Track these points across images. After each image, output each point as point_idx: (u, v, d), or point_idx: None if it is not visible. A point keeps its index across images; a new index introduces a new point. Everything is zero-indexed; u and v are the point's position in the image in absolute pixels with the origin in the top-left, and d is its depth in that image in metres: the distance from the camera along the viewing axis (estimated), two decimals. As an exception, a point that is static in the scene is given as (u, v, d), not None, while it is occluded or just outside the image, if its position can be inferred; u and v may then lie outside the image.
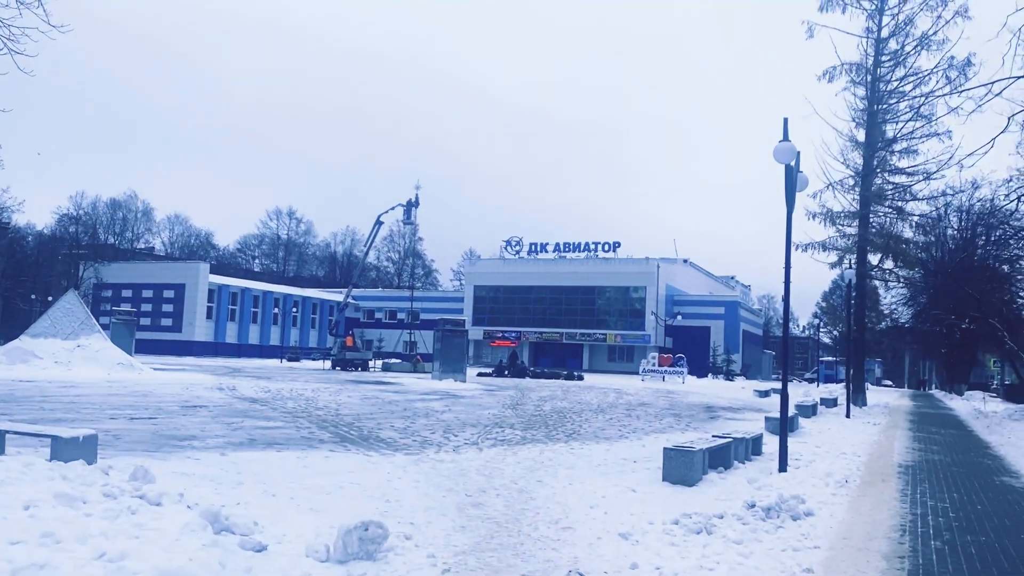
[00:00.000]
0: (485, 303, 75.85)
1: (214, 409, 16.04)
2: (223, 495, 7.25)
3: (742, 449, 11.99)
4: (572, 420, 17.62)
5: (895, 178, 33.81)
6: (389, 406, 19.15)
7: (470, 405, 20.82)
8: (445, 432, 13.86)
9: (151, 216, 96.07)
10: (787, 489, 8.67)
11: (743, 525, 7.26)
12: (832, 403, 27.67)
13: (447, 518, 7.09)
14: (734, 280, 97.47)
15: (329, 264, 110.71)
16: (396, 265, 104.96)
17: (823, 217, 33.14)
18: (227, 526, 5.57)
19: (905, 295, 45.69)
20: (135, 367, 26.56)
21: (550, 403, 22.75)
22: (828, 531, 7.35)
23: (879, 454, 14.46)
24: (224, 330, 68.04)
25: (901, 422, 23.74)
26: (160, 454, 9.54)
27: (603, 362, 71.68)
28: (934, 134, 31.50)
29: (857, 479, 10.94)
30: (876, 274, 35.82)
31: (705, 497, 8.68)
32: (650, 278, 70.49)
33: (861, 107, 32.20)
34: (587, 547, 6.30)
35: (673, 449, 9.83)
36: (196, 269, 67.91)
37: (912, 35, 31.38)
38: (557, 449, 12.34)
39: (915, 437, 18.57)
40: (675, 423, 18.64)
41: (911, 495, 9.80)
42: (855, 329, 32.24)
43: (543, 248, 74.38)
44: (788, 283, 12.01)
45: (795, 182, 11.59)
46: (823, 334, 79.86)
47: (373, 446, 11.57)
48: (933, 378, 75.52)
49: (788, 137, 11.39)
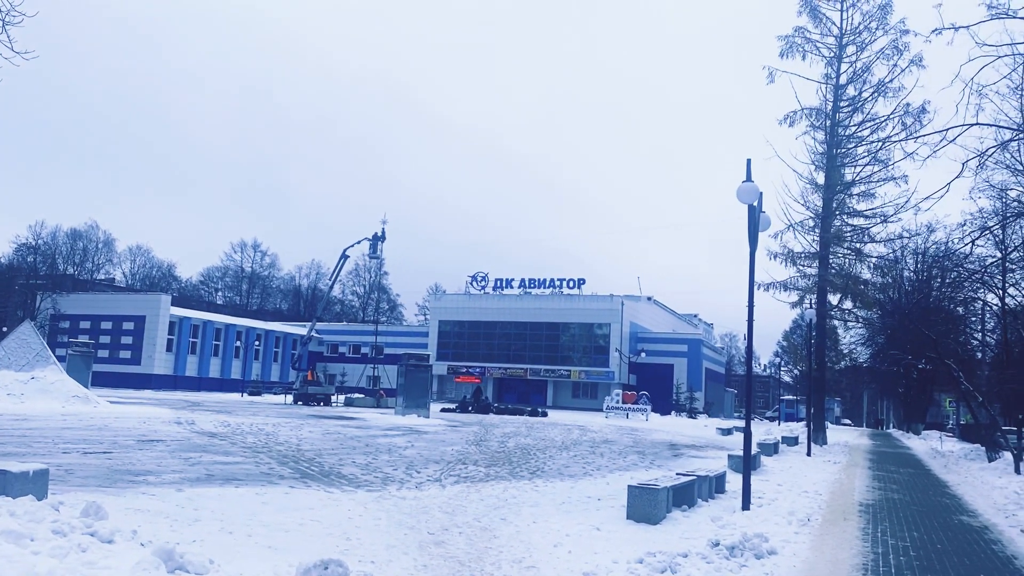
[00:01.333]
0: (450, 338, 75.54)
1: (172, 444, 15.68)
2: (178, 532, 7.06)
3: (706, 487, 12.00)
4: (536, 457, 17.52)
5: (854, 220, 34.63)
6: (351, 441, 18.87)
7: (433, 441, 20.60)
8: (408, 468, 13.68)
9: (112, 247, 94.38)
10: (750, 527, 8.69)
11: (707, 564, 7.24)
12: (793, 441, 27.89)
13: (409, 557, 6.97)
14: (697, 318, 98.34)
15: (293, 297, 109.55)
16: (361, 299, 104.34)
17: (784, 257, 33.78)
18: (181, 564, 5.41)
19: (863, 335, 46.36)
20: (91, 400, 25.90)
21: (514, 439, 22.60)
22: (791, 570, 7.36)
23: (840, 492, 14.57)
24: (184, 363, 66.78)
25: (861, 461, 23.98)
26: (114, 490, 9.27)
27: (567, 398, 71.58)
28: (891, 178, 32.38)
29: (819, 517, 10.99)
30: (836, 314, 36.45)
31: (669, 535, 8.65)
32: (614, 315, 70.84)
33: (821, 151, 33.04)
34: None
35: (637, 487, 9.80)
36: (157, 301, 66.76)
37: (869, 82, 32.43)
38: (521, 486, 12.23)
39: (875, 476, 18.76)
40: (639, 460, 18.61)
41: (872, 534, 9.86)
42: (815, 368, 32.66)
43: (508, 284, 74.50)
44: (751, 321, 12.15)
45: (758, 222, 11.78)
46: (784, 373, 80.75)
47: (334, 482, 11.37)
48: (891, 417, 76.50)
49: (751, 178, 11.60)
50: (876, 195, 33.58)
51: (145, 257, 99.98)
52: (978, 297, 27.77)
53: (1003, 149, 19.04)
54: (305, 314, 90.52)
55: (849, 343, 49.05)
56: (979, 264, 24.02)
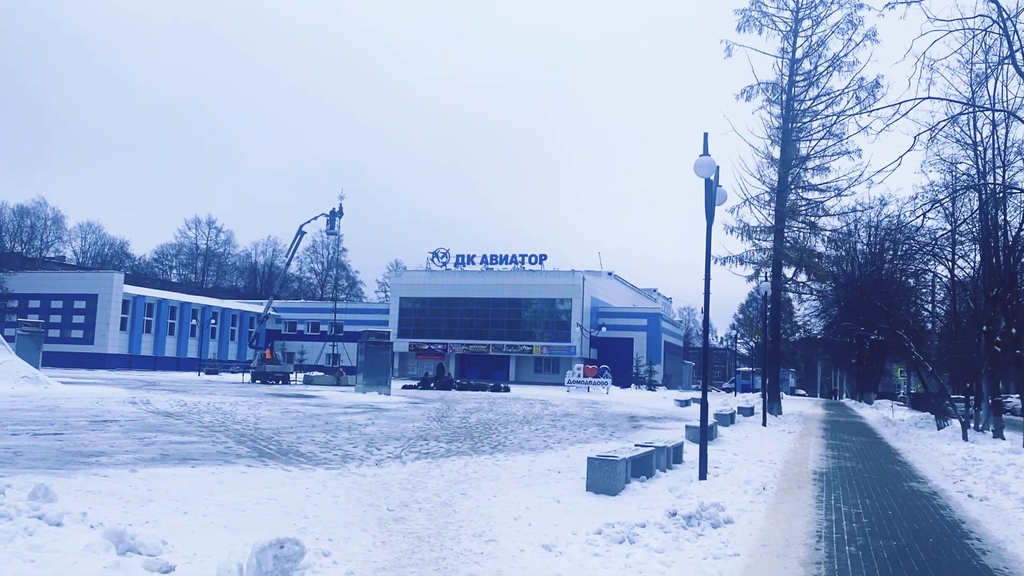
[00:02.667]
0: (411, 315, 75.27)
1: (125, 424, 15.39)
2: (131, 514, 6.92)
3: (664, 458, 12.14)
4: (498, 432, 17.57)
5: (808, 194, 35.07)
6: (310, 420, 18.73)
7: (394, 418, 20.54)
8: (368, 446, 13.61)
9: (62, 224, 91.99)
10: (707, 497, 8.80)
11: (665, 534, 7.32)
12: (749, 412, 28.38)
13: (368, 533, 6.93)
14: (656, 293, 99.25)
15: (250, 275, 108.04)
16: (319, 276, 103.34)
17: (740, 231, 34.10)
18: (133, 546, 5.30)
19: (818, 307, 47.25)
20: (41, 381, 25.26)
21: (476, 415, 22.64)
22: (747, 538, 7.48)
23: (795, 461, 14.85)
24: (139, 342, 65.60)
25: (815, 430, 24.48)
26: (64, 471, 9.06)
27: (529, 373, 71.95)
28: (845, 152, 32.83)
29: (774, 486, 11.19)
30: (790, 287, 36.99)
31: (628, 506, 8.72)
32: (576, 290, 71.19)
33: (776, 125, 33.32)
34: (510, 560, 6.24)
35: (597, 459, 9.87)
36: (109, 279, 65.29)
37: (824, 56, 32.69)
38: (482, 461, 12.25)
39: (828, 444, 19.17)
40: (599, 433, 18.77)
41: (826, 501, 10.07)
42: (770, 340, 33.18)
43: (470, 260, 74.35)
44: (708, 295, 12.25)
45: (714, 196, 11.84)
46: (740, 345, 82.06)
47: (292, 461, 11.27)
48: (844, 387, 78.24)
49: (708, 152, 11.64)
50: (830, 169, 34.07)
51: (97, 234, 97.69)
52: (928, 269, 28.38)
53: (953, 123, 19.44)
54: (262, 292, 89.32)
55: (803, 315, 50.09)
56: (930, 236, 24.54)
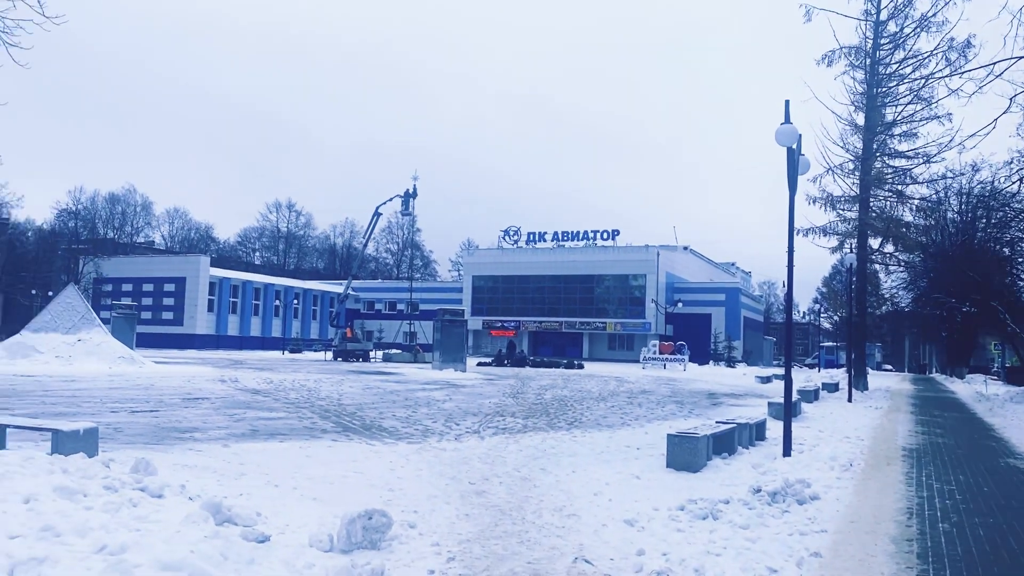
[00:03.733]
0: (484, 293, 75.78)
1: (216, 401, 16.00)
2: (225, 486, 7.20)
3: (746, 434, 11.95)
4: (574, 408, 17.59)
5: (895, 161, 33.68)
6: (390, 396, 19.11)
7: (471, 394, 20.79)
8: (447, 421, 13.82)
9: (150, 210, 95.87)
10: (792, 473, 8.63)
11: (749, 510, 7.22)
12: (834, 388, 27.65)
13: (451, 506, 7.05)
14: (735, 267, 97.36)
15: (329, 256, 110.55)
16: (395, 256, 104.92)
17: (823, 202, 33.04)
18: (229, 517, 5.52)
19: (905, 279, 45.60)
20: (136, 361, 26.52)
21: (551, 391, 22.72)
22: (835, 515, 7.31)
23: (883, 437, 14.42)
24: (226, 323, 67.95)
25: (903, 406, 23.71)
26: (162, 446, 9.49)
27: (603, 350, 71.69)
28: (934, 117, 31.33)
29: (861, 463, 10.90)
30: (876, 258, 35.74)
31: (710, 483, 8.63)
32: (650, 266, 70.40)
33: (860, 91, 32.03)
34: (592, 534, 6.26)
35: (677, 435, 9.78)
36: (196, 262, 67.77)
37: (911, 17, 31.15)
38: (559, 437, 12.29)
39: (918, 420, 18.54)
40: (677, 410, 18.60)
41: (917, 478, 9.76)
42: (856, 314, 32.19)
43: (541, 237, 74.28)
44: (791, 267, 11.94)
45: (797, 165, 11.50)
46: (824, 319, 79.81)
47: (375, 435, 11.53)
48: (934, 362, 75.44)
49: (790, 120, 11.29)
50: (918, 135, 32.56)
51: (183, 219, 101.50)
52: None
53: (1053, 82, 18.32)
54: (341, 272, 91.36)
55: (890, 287, 48.38)
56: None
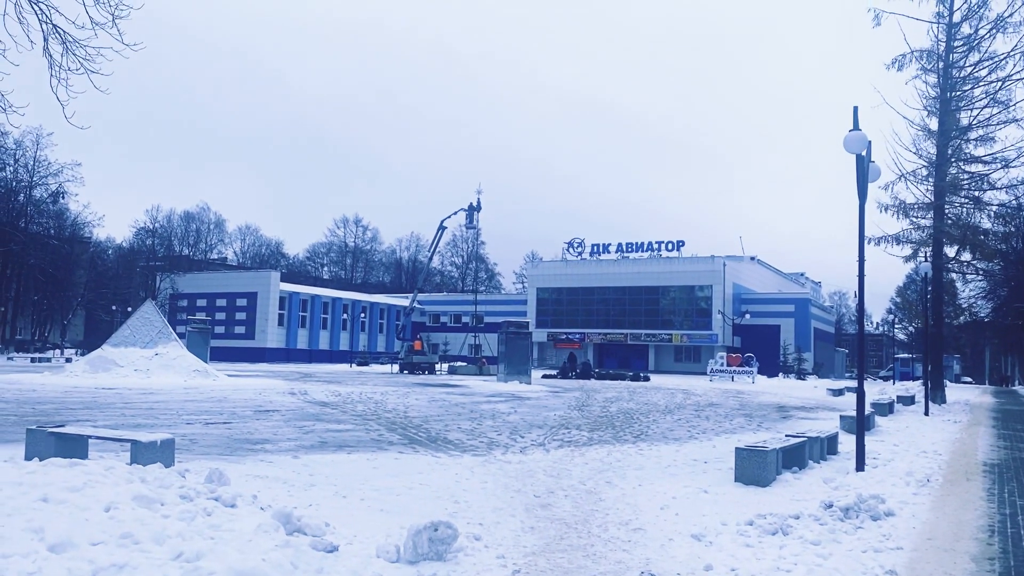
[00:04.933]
0: (548, 305, 75.78)
1: (286, 413, 16.37)
2: (295, 497, 7.37)
3: (817, 448, 11.66)
4: (639, 421, 17.43)
5: (971, 167, 32.57)
6: (456, 408, 19.25)
7: (536, 407, 20.78)
8: (512, 433, 13.85)
9: (223, 227, 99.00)
10: (865, 489, 8.39)
11: (820, 526, 7.04)
12: (909, 401, 26.75)
13: (516, 519, 7.06)
14: (804, 277, 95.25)
15: (395, 270, 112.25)
16: (460, 269, 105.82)
17: (896, 209, 32.14)
18: (299, 527, 5.65)
19: (984, 288, 43.98)
20: (210, 374, 27.33)
21: (616, 404, 22.55)
22: (911, 531, 7.08)
23: (962, 452, 13.89)
24: (295, 336, 69.47)
25: (984, 419, 22.79)
26: (234, 457, 9.75)
27: (669, 363, 70.86)
28: (1012, 120, 30.25)
29: (939, 478, 10.52)
30: (953, 267, 34.52)
31: (779, 498, 8.45)
32: (716, 276, 69.41)
33: (933, 95, 31.11)
34: (659, 548, 6.19)
35: (745, 449, 9.61)
36: (267, 277, 69.52)
37: (986, 18, 30.17)
38: (625, 450, 12.20)
39: (999, 435, 17.80)
40: (746, 423, 18.26)
41: (999, 494, 9.37)
42: (932, 324, 31.10)
43: (605, 249, 73.99)
44: (862, 277, 11.65)
45: (867, 172, 11.23)
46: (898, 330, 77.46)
47: (441, 448, 11.63)
48: (1017, 374, 72.34)
49: (858, 126, 11.04)
50: (995, 139, 31.42)
51: (254, 236, 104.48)
52: (1115, 243, 25.76)
53: None
54: (407, 286, 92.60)
55: (968, 297, 46.69)
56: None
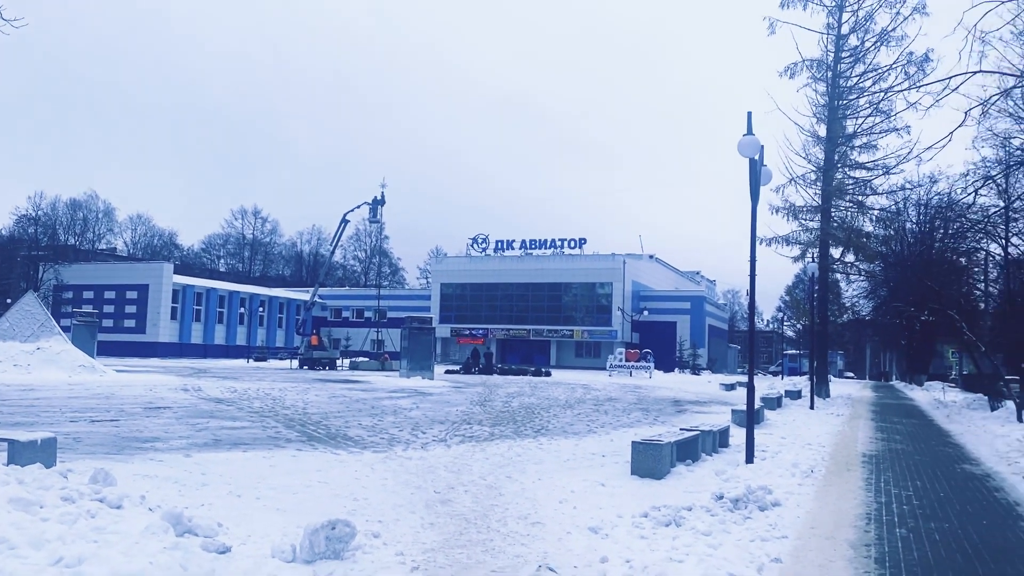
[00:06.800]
0: (452, 300, 75.72)
1: (178, 410, 15.78)
2: (187, 497, 7.12)
3: (709, 441, 12.08)
4: (540, 416, 17.63)
5: (855, 173, 34.40)
6: (357, 404, 19.00)
7: (438, 402, 20.74)
8: (413, 429, 13.78)
9: (112, 216, 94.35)
10: (754, 480, 8.75)
11: (712, 517, 7.30)
12: (796, 395, 28.03)
13: (416, 515, 7.03)
14: (699, 275, 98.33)
15: (295, 263, 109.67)
16: (363, 264, 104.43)
17: (786, 211, 33.63)
18: (190, 528, 5.46)
19: (866, 288, 46.45)
20: (97, 369, 26.05)
21: (518, 399, 22.74)
22: (795, 521, 7.43)
23: (843, 444, 14.66)
24: (189, 331, 67.04)
25: (864, 412, 24.11)
26: (122, 456, 9.35)
27: (570, 358, 71.94)
28: (893, 129, 32.10)
29: (822, 469, 11.08)
30: (838, 267, 36.40)
31: (674, 490, 8.71)
32: (616, 274, 70.86)
33: (822, 103, 32.69)
34: (557, 541, 6.29)
35: (641, 443, 9.86)
36: (160, 269, 66.80)
37: (872, 31, 31.95)
38: (526, 445, 12.32)
39: (878, 427, 18.87)
40: (643, 417, 18.73)
41: (875, 484, 9.94)
42: (818, 322, 32.70)
43: (509, 245, 74.46)
44: (753, 276, 12.11)
45: (759, 176, 11.67)
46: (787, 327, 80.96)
47: (341, 444, 11.46)
48: (894, 369, 76.82)
49: (752, 131, 11.46)
50: (878, 146, 33.35)
51: (146, 226, 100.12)
52: (981, 247, 27.72)
53: (1006, 97, 18.84)
54: (308, 280, 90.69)
55: (851, 296, 49.23)
56: (982, 214, 23.94)
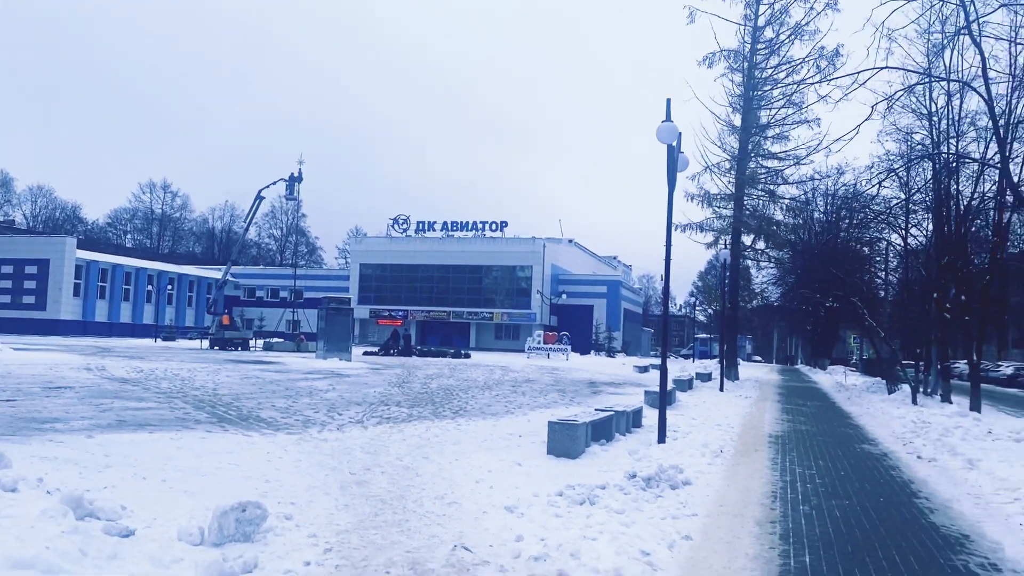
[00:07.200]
0: (371, 281, 74.84)
1: (80, 390, 15.13)
2: (88, 479, 6.84)
3: (623, 422, 12.31)
4: (459, 397, 17.63)
5: (768, 162, 35.45)
6: (270, 386, 18.60)
7: (355, 384, 20.49)
8: (329, 411, 13.58)
9: (10, 187, 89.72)
10: (666, 460, 8.95)
11: (624, 495, 7.45)
12: (707, 377, 28.84)
13: (330, 497, 6.94)
14: (616, 260, 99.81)
15: (207, 240, 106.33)
16: (279, 242, 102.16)
17: (701, 199, 34.42)
18: (91, 511, 5.25)
19: (775, 275, 47.89)
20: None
21: (437, 381, 22.69)
22: (705, 499, 7.64)
23: (751, 425, 15.17)
24: (93, 308, 64.25)
25: (771, 395, 25.00)
26: (18, 438, 8.90)
27: (490, 340, 72.17)
28: (804, 121, 33.23)
29: (731, 449, 11.43)
30: (749, 254, 37.47)
31: (588, 469, 8.85)
32: (536, 257, 71.30)
33: (738, 93, 33.52)
34: (472, 521, 6.31)
35: (557, 423, 9.97)
36: (62, 244, 63.66)
37: (787, 24, 32.88)
38: (443, 426, 12.31)
39: (783, 409, 19.59)
40: (559, 398, 18.95)
41: (781, 463, 10.32)
42: (728, 307, 33.64)
43: (431, 227, 73.97)
44: (668, 261, 12.35)
45: (676, 162, 11.89)
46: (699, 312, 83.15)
47: (253, 426, 11.20)
48: (799, 353, 79.78)
49: (671, 118, 11.65)
50: (790, 137, 34.46)
51: (47, 198, 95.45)
52: (883, 237, 28.84)
53: (909, 93, 19.68)
54: (220, 257, 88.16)
55: (761, 283, 50.80)
56: (884, 205, 24.95)
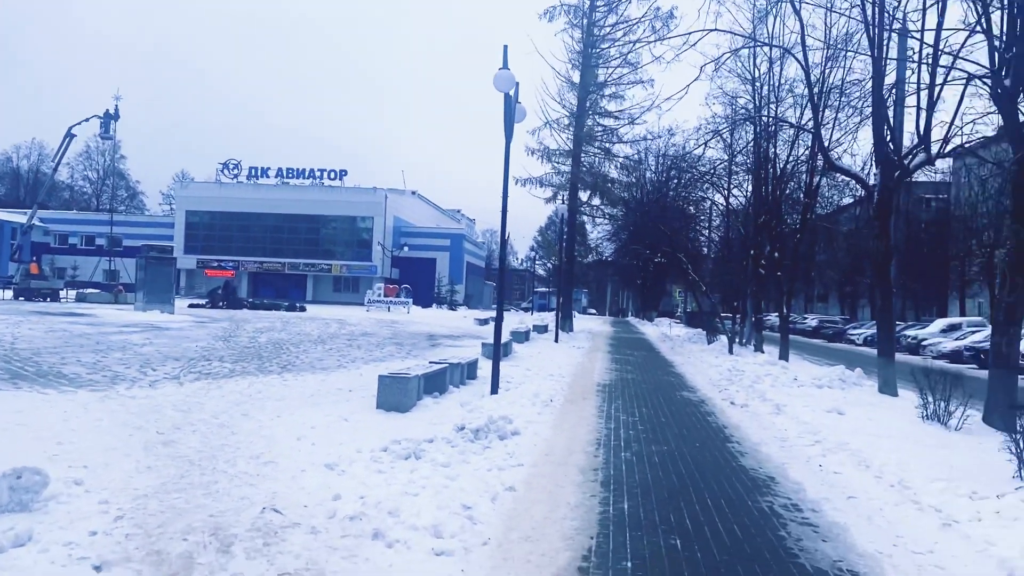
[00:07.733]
0: (199, 229, 70.80)
1: None
2: None
3: (458, 374, 12.24)
4: (288, 351, 16.97)
5: (604, 120, 36.25)
6: (78, 339, 17.11)
7: (176, 338, 19.27)
8: (142, 367, 12.63)
9: None
10: (497, 410, 8.93)
11: (452, 448, 7.33)
12: (544, 330, 29.47)
13: (131, 459, 6.37)
14: (460, 213, 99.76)
15: (12, 180, 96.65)
16: (95, 185, 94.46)
17: (541, 154, 34.80)
18: None
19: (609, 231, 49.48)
20: None
21: (267, 335, 21.77)
22: (532, 449, 7.66)
23: (582, 375, 15.55)
24: None
25: (602, 345, 25.86)
26: None
27: (328, 293, 70.39)
28: (639, 81, 34.16)
29: (561, 398, 11.63)
30: (585, 210, 38.44)
31: (418, 422, 8.68)
32: (378, 208, 69.89)
33: (577, 49, 33.90)
34: (290, 480, 5.97)
35: (388, 376, 9.72)
36: None
37: (625, -18, 33.43)
38: (268, 381, 11.76)
39: (613, 359, 20.29)
40: (396, 351, 18.67)
41: (607, 411, 10.59)
42: (565, 261, 34.43)
43: (264, 173, 70.64)
44: (505, 211, 12.27)
45: (513, 112, 11.75)
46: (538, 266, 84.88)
47: (51, 383, 10.21)
48: (631, 306, 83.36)
49: (507, 66, 11.45)
50: (625, 97, 35.36)
51: None
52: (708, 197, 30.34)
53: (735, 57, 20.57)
54: (26, 200, 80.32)
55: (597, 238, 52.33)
56: (710, 166, 26.15)
